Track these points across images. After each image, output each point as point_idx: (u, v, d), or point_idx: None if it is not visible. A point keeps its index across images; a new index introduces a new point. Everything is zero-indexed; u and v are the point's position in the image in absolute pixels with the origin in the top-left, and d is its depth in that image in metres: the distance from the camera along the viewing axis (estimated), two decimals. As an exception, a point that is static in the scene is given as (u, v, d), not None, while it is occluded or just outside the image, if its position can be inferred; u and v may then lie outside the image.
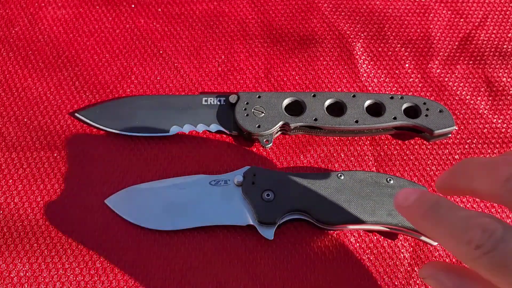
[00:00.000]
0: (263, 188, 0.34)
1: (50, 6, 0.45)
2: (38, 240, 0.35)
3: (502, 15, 0.46)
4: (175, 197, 0.35)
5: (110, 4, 0.46)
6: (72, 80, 0.41)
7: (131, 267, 0.34)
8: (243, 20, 0.45)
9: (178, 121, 0.38)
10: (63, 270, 0.34)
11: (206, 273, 0.34)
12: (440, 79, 0.42)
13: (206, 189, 0.35)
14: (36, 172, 0.37)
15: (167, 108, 0.39)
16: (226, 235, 0.35)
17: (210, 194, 0.35)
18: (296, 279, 0.34)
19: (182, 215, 0.34)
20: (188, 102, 0.39)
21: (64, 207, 0.36)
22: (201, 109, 0.39)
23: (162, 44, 0.44)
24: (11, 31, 0.44)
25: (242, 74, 0.42)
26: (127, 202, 0.35)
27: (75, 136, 0.39)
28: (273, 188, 0.34)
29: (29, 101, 0.40)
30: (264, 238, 0.33)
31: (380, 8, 0.46)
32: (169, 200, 0.35)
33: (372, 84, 0.42)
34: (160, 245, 0.34)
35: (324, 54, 0.43)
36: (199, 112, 0.39)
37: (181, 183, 0.36)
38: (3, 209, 0.36)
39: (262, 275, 0.34)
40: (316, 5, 0.46)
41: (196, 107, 0.39)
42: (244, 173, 0.35)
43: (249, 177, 0.34)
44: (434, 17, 0.46)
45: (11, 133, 0.39)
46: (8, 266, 0.34)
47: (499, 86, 0.42)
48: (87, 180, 0.37)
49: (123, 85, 0.41)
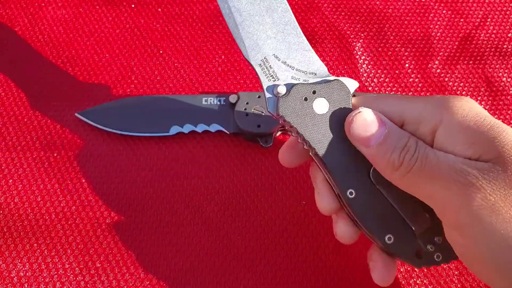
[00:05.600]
0: None
1: (50, 6, 0.45)
2: (38, 240, 0.35)
3: (502, 15, 0.46)
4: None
5: (110, 4, 0.46)
6: (72, 80, 0.41)
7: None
8: (243, 20, 0.45)
9: (178, 121, 0.38)
10: (63, 270, 0.34)
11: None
12: (440, 79, 0.42)
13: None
14: (36, 172, 0.37)
15: (167, 108, 0.39)
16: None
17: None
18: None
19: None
20: (188, 102, 0.39)
21: (64, 207, 0.36)
22: (201, 109, 0.39)
23: (162, 44, 0.44)
24: (11, 31, 0.44)
25: (242, 74, 0.42)
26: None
27: (75, 136, 0.39)
28: None
29: (29, 101, 0.40)
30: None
31: (380, 8, 0.46)
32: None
33: (372, 84, 0.42)
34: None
35: (324, 54, 0.43)
36: (199, 112, 0.39)
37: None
38: (3, 209, 0.36)
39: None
40: (316, 5, 0.46)
41: (196, 107, 0.39)
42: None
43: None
44: (434, 17, 0.46)
45: (11, 133, 0.39)
46: (8, 266, 0.34)
47: (499, 86, 0.42)
48: (87, 180, 0.37)
49: (123, 85, 0.41)
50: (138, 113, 0.39)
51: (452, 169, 0.24)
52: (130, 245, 0.34)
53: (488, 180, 0.23)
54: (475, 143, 0.24)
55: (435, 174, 0.24)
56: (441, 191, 0.24)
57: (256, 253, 0.34)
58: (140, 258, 0.34)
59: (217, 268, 0.34)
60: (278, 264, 0.34)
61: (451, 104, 0.25)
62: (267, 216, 0.35)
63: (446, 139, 0.25)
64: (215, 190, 0.37)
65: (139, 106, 0.39)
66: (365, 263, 0.34)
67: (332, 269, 0.34)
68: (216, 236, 0.35)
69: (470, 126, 0.24)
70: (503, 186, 0.23)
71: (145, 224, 0.35)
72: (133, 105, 0.39)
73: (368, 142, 0.26)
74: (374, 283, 0.29)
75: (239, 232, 0.35)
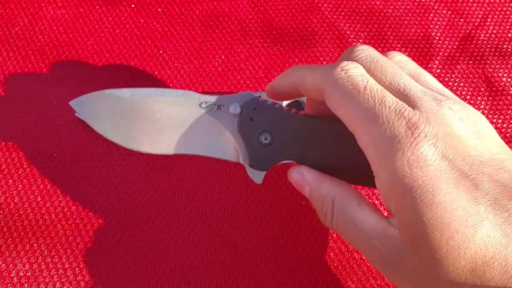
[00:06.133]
0: (261, 129, 0.29)
1: (50, 6, 0.45)
2: (38, 240, 0.35)
3: (502, 15, 0.46)
4: (156, 114, 0.31)
5: (110, 4, 0.46)
6: (72, 80, 0.41)
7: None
8: (243, 20, 0.45)
9: (178, 121, 0.38)
10: (63, 270, 0.34)
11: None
12: (440, 79, 0.42)
13: (195, 111, 0.30)
14: (36, 172, 0.37)
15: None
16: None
17: (199, 119, 0.30)
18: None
19: (161, 137, 0.30)
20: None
21: (64, 207, 0.36)
22: (201, 109, 0.39)
23: (162, 44, 0.44)
24: (11, 31, 0.44)
25: (242, 74, 0.42)
26: (98, 108, 0.31)
27: (75, 136, 0.39)
28: (272, 130, 0.29)
29: (29, 101, 0.40)
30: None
31: (380, 8, 0.46)
32: (147, 115, 0.31)
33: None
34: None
35: (324, 54, 0.43)
36: (199, 112, 0.39)
37: (167, 99, 0.31)
38: (3, 209, 0.36)
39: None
40: (316, 5, 0.46)
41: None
42: (243, 105, 0.30)
43: (248, 111, 0.30)
44: (434, 17, 0.46)
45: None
46: (8, 266, 0.34)
47: (499, 86, 0.42)
48: (87, 180, 0.37)
49: (123, 85, 0.41)
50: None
51: (368, 244, 0.24)
52: (130, 245, 0.34)
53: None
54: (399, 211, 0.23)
55: (354, 242, 0.26)
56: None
57: (256, 253, 0.34)
58: (140, 258, 0.34)
59: (217, 268, 0.34)
60: (278, 264, 0.34)
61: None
62: (267, 216, 0.35)
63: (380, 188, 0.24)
64: (215, 190, 0.37)
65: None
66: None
67: (333, 269, 0.34)
68: (216, 236, 0.35)
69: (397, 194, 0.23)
70: None
71: (145, 224, 0.35)
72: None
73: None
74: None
75: (239, 232, 0.35)
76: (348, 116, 0.25)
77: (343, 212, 0.26)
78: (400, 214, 0.23)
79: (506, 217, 0.21)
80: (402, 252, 0.23)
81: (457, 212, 0.21)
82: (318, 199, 0.27)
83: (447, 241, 0.21)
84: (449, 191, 0.21)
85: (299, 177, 0.28)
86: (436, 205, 0.21)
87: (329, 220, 0.27)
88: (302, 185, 0.28)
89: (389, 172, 0.22)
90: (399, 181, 0.22)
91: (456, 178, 0.21)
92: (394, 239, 0.23)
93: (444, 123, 0.23)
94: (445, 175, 0.21)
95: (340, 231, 0.26)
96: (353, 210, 0.25)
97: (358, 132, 0.24)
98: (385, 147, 0.23)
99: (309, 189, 0.28)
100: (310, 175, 0.28)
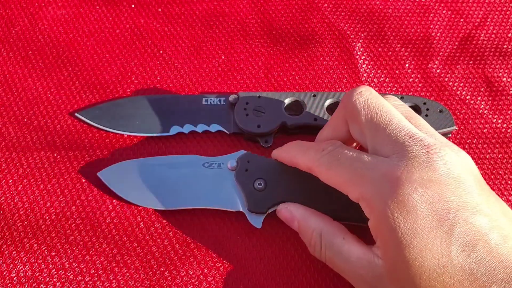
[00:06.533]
0: (256, 177, 0.34)
1: (50, 6, 0.45)
2: (38, 240, 0.35)
3: (502, 15, 0.46)
4: (167, 176, 0.35)
5: (110, 4, 0.46)
6: (72, 80, 0.41)
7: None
8: (243, 20, 0.45)
9: (178, 121, 0.38)
10: (63, 270, 0.34)
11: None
12: (440, 79, 0.42)
13: (199, 170, 0.35)
14: (36, 172, 0.37)
15: (167, 108, 0.39)
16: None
17: (202, 177, 0.35)
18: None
19: (172, 195, 0.35)
20: (188, 102, 0.39)
21: (64, 207, 0.36)
22: (201, 109, 0.39)
23: (162, 44, 0.44)
24: (11, 31, 0.44)
25: (242, 74, 0.42)
26: (119, 177, 0.36)
27: (75, 136, 0.39)
28: (265, 177, 0.34)
29: (29, 101, 0.40)
30: (253, 225, 0.34)
31: (380, 8, 0.46)
32: (160, 178, 0.35)
33: (372, 84, 0.42)
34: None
35: (324, 54, 0.43)
36: (199, 112, 0.39)
37: (174, 162, 0.36)
38: (3, 209, 0.36)
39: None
40: (316, 5, 0.46)
41: (196, 107, 0.39)
42: (238, 159, 0.35)
43: (243, 164, 0.35)
44: (434, 17, 0.46)
45: (11, 133, 0.39)
46: (8, 266, 0.34)
47: (499, 86, 0.42)
48: (87, 180, 0.37)
49: (123, 85, 0.41)
50: (138, 113, 0.39)
51: (355, 273, 0.28)
52: (130, 245, 0.34)
53: None
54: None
55: (342, 271, 0.30)
56: None
57: (256, 253, 0.34)
58: (140, 258, 0.34)
59: (216, 267, 0.34)
60: (278, 264, 0.34)
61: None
62: (267, 216, 0.35)
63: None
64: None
65: (139, 106, 0.39)
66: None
67: (333, 270, 0.34)
68: (216, 235, 0.35)
69: None
70: None
71: (145, 224, 0.35)
72: (133, 105, 0.39)
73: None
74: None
75: (238, 232, 0.35)
76: (335, 184, 0.29)
77: (330, 245, 0.29)
78: (384, 249, 0.26)
79: (475, 259, 0.24)
80: (385, 280, 0.26)
81: (430, 253, 0.24)
82: (306, 233, 0.31)
83: (420, 276, 0.24)
84: (425, 235, 0.24)
85: (287, 213, 0.32)
86: (413, 247, 0.24)
87: (318, 251, 0.30)
88: (290, 220, 0.32)
89: (377, 216, 0.26)
90: (385, 224, 0.25)
91: (433, 222, 0.24)
92: (378, 268, 0.26)
93: (427, 169, 0.25)
94: (424, 220, 0.24)
95: (328, 261, 0.30)
96: (339, 243, 0.29)
97: (348, 192, 0.28)
98: (370, 199, 0.26)
99: (297, 224, 0.32)
100: (297, 212, 0.32)
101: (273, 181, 0.34)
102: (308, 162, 0.30)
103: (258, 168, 0.34)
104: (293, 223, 0.32)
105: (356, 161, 0.27)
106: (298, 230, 0.32)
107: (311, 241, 0.31)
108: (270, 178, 0.34)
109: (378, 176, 0.26)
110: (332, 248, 0.29)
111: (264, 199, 0.34)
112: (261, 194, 0.34)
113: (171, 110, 0.39)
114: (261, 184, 0.34)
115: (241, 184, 0.34)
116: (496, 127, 0.40)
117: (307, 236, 0.31)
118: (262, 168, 0.34)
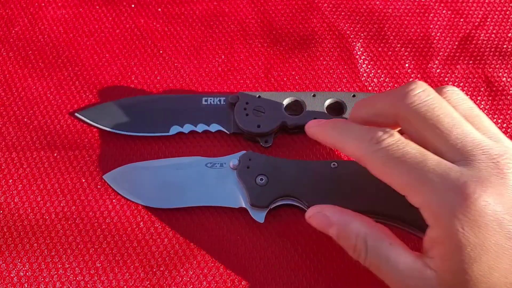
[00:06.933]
0: (257, 173, 0.34)
1: (50, 6, 0.45)
2: (38, 240, 0.35)
3: (502, 15, 0.46)
4: (171, 177, 0.36)
5: (110, 4, 0.46)
6: (72, 80, 0.41)
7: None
8: (243, 20, 0.45)
9: (178, 121, 0.38)
10: (63, 270, 0.34)
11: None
12: (440, 79, 0.42)
13: (202, 170, 0.36)
14: (36, 172, 0.37)
15: (167, 108, 0.39)
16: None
17: (206, 176, 0.35)
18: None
19: (177, 194, 0.35)
20: (188, 102, 0.39)
21: (64, 207, 0.36)
22: (201, 109, 0.39)
23: (162, 44, 0.44)
24: (11, 31, 0.44)
25: (242, 74, 0.42)
26: (124, 178, 0.36)
27: (75, 136, 0.39)
28: (267, 173, 0.34)
29: (29, 101, 0.40)
30: (255, 221, 0.34)
31: (380, 8, 0.46)
32: (165, 179, 0.36)
33: (372, 84, 0.42)
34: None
35: (324, 54, 0.43)
36: (199, 112, 0.39)
37: (178, 163, 0.36)
38: (3, 209, 0.36)
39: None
40: (316, 5, 0.46)
41: (196, 107, 0.39)
42: (240, 157, 0.35)
43: (244, 161, 0.35)
44: (434, 17, 0.46)
45: (11, 133, 0.39)
46: (8, 266, 0.34)
47: (499, 86, 0.42)
48: (87, 180, 0.37)
49: (123, 85, 0.41)
50: (138, 113, 0.39)
51: (402, 282, 0.26)
52: (130, 245, 0.34)
53: None
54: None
55: (387, 279, 0.27)
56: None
57: (256, 253, 0.34)
58: (140, 258, 0.34)
59: (216, 267, 0.34)
60: (278, 264, 0.34)
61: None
62: (267, 216, 0.35)
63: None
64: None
65: (139, 106, 0.39)
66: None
67: (333, 269, 0.34)
68: (216, 235, 0.35)
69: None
70: None
71: (145, 224, 0.35)
72: (133, 105, 0.39)
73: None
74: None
75: (238, 232, 0.35)
76: (391, 182, 0.26)
77: (375, 251, 0.27)
78: (443, 261, 0.24)
79: None
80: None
81: (499, 270, 0.23)
82: (348, 239, 0.28)
83: None
84: (495, 252, 0.23)
85: (322, 219, 0.29)
86: (482, 263, 0.23)
87: (363, 258, 0.28)
88: (326, 226, 0.29)
89: (443, 229, 0.24)
90: (451, 237, 0.24)
91: (504, 239, 0.23)
92: (430, 280, 0.25)
93: (498, 184, 0.24)
94: (494, 238, 0.23)
95: (372, 268, 0.28)
96: (385, 249, 0.27)
97: (408, 196, 0.26)
98: (436, 209, 0.24)
99: (337, 230, 0.29)
100: (335, 216, 0.29)
101: (276, 176, 0.34)
102: (358, 152, 0.27)
103: (260, 165, 0.35)
104: (330, 229, 0.29)
105: (421, 164, 0.25)
106: (336, 236, 0.29)
107: (356, 247, 0.28)
108: (272, 174, 0.34)
109: (448, 187, 0.24)
110: (377, 254, 0.27)
111: (266, 193, 0.34)
112: (263, 189, 0.34)
113: (171, 110, 0.39)
114: (263, 180, 0.34)
115: (243, 180, 0.34)
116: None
117: (350, 242, 0.28)
118: (264, 165, 0.35)
